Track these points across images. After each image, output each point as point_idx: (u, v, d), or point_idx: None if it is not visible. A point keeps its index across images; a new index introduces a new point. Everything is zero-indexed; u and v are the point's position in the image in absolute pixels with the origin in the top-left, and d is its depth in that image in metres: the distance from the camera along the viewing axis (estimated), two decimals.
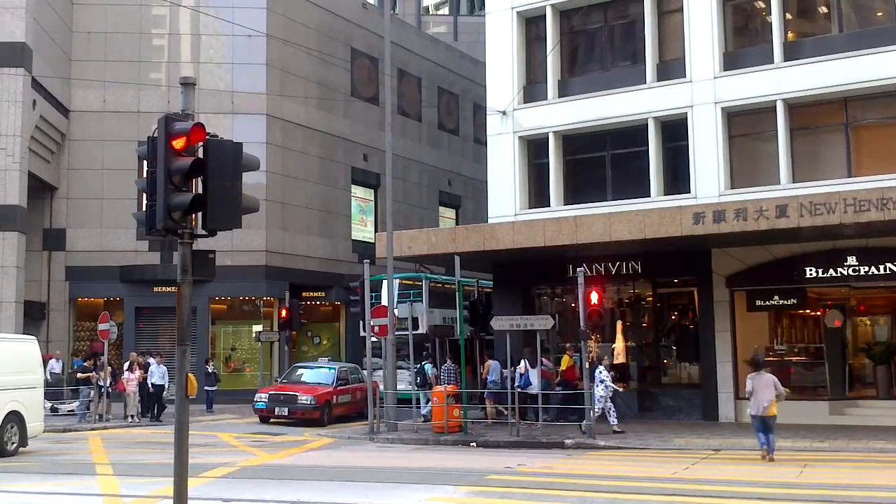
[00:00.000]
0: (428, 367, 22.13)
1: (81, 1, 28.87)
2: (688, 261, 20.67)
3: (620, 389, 19.52)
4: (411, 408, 21.08)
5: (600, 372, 18.13)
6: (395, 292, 23.92)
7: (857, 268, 19.10)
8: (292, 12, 30.47)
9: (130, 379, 22.01)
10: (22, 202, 24.97)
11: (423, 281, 25.21)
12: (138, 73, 28.78)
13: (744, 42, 22.05)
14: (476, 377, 22.79)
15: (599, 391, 17.89)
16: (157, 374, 22.41)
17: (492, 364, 21.31)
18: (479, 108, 36.49)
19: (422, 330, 22.75)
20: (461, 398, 19.26)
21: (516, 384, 18.83)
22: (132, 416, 21.92)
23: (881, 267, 18.95)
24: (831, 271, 19.41)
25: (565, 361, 20.06)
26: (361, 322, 26.97)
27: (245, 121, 28.51)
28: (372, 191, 34.18)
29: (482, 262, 23.02)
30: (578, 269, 18.31)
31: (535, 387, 19.00)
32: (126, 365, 22.53)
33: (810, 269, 19.57)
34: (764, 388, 14.21)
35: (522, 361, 19.65)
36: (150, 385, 22.39)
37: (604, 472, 13.13)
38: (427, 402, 20.55)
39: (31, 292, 26.96)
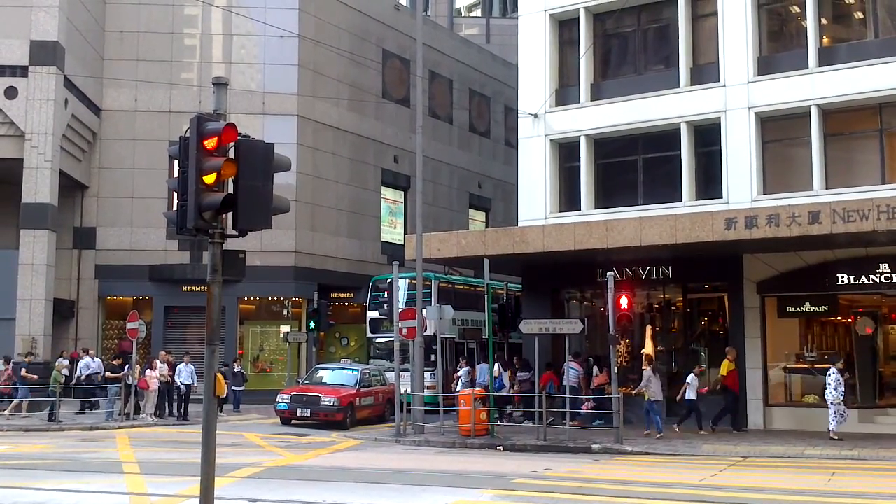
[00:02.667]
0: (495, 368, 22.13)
1: (114, 0, 29.22)
2: (719, 266, 20.43)
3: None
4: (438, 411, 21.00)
5: (831, 374, 17.36)
6: (404, 293, 23.87)
7: (889, 275, 18.78)
8: (324, 13, 30.60)
9: (152, 377, 22.15)
10: (53, 200, 25.31)
11: (433, 281, 25.04)
12: (170, 72, 29.06)
13: (778, 47, 21.74)
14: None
15: (832, 394, 17.22)
16: (186, 373, 22.58)
17: (480, 367, 21.60)
18: (511, 111, 36.39)
19: (429, 332, 21.98)
20: (489, 401, 19.17)
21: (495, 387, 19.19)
22: (151, 415, 22.03)
23: None
24: (863, 278, 19.11)
25: (725, 366, 19.22)
26: (368, 323, 27.20)
27: (276, 121, 28.67)
28: (402, 192, 34.21)
29: (512, 265, 22.91)
30: (608, 274, 18.16)
31: (506, 389, 19.31)
32: (148, 363, 22.70)
33: (842, 276, 19.28)
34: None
35: (496, 365, 20.16)
36: (179, 384, 22.56)
37: (631, 477, 12.98)
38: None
39: (61, 290, 27.30)
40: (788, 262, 19.86)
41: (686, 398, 18.76)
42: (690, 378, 18.78)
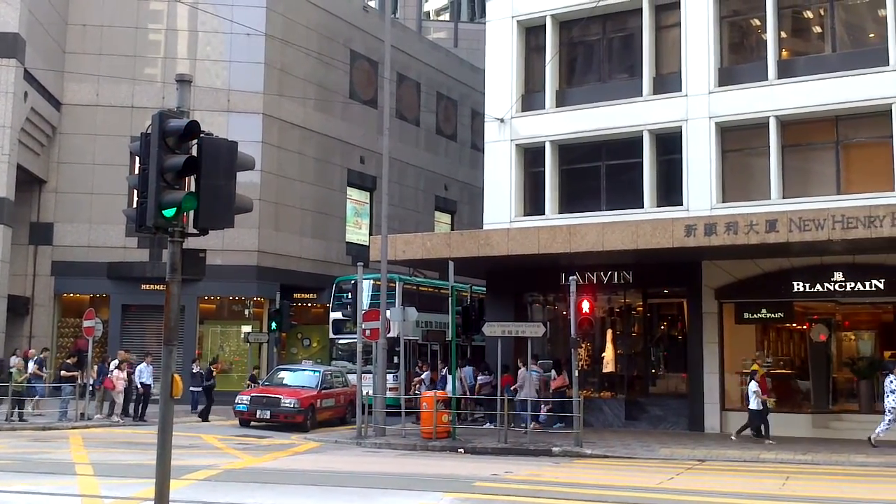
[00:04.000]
0: (468, 371, 22.13)
1: None
2: (678, 272, 20.73)
3: None
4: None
5: (892, 381, 17.06)
6: (368, 294, 23.81)
7: (843, 283, 19.23)
8: (292, 12, 30.42)
9: (120, 377, 21.82)
10: (9, 195, 24.81)
11: (397, 283, 25.03)
12: (133, 67, 28.66)
13: (739, 58, 22.15)
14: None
15: (891, 402, 16.97)
16: (147, 373, 22.28)
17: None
18: (478, 115, 36.51)
19: (393, 334, 21.91)
20: (450, 404, 19.20)
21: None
22: (118, 415, 21.74)
23: (867, 283, 19.08)
24: (818, 286, 19.55)
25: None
26: (331, 324, 27.06)
27: (241, 119, 28.42)
28: (367, 193, 34.13)
29: (476, 267, 22.98)
30: (571, 278, 18.30)
31: (450, 391, 19.69)
32: (115, 363, 22.35)
33: (798, 284, 19.69)
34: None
35: (468, 368, 20.89)
36: (138, 385, 22.24)
37: (590, 480, 13.10)
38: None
39: (16, 287, 26.75)
40: (746, 270, 20.23)
41: (750, 407, 18.22)
42: (753, 386, 18.13)
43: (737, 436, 18.48)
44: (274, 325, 27.10)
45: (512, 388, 20.12)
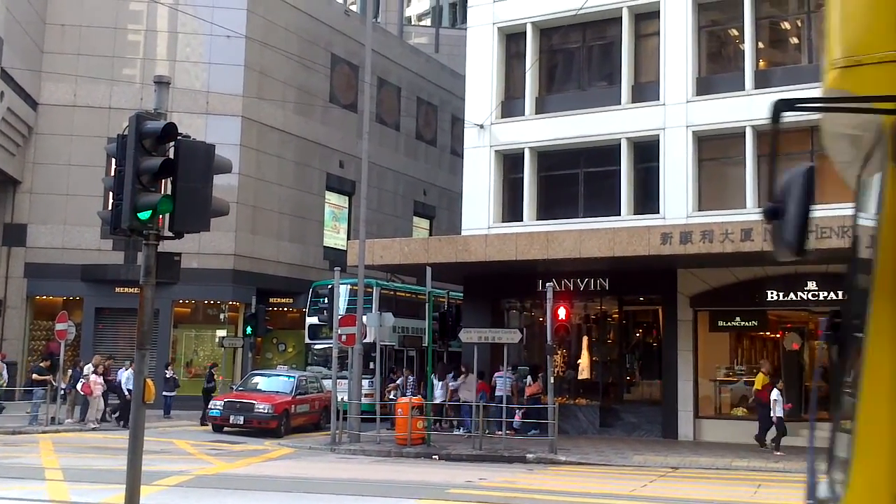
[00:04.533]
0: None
1: None
2: (654, 280, 20.87)
3: None
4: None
5: None
6: (344, 299, 23.73)
7: (816, 293, 19.45)
8: (273, 15, 30.33)
9: (97, 382, 21.57)
10: None
11: (374, 288, 24.98)
12: (112, 68, 28.42)
13: (717, 68, 22.37)
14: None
15: None
16: (132, 379, 22.06)
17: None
18: (458, 121, 36.56)
19: (369, 339, 21.79)
20: (425, 410, 19.18)
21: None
22: (95, 421, 21.45)
23: (840, 293, 19.27)
24: (791, 295, 19.75)
25: (760, 380, 18.75)
26: (307, 329, 26.95)
27: (219, 122, 28.25)
28: (346, 198, 34.05)
29: (454, 273, 23.00)
30: (547, 284, 18.38)
31: (438, 398, 20.10)
32: (91, 368, 22.11)
33: (771, 293, 19.89)
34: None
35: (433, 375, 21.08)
36: (125, 391, 22.07)
37: (563, 487, 13.14)
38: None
39: None
40: (720, 278, 20.40)
41: (775, 415, 18.11)
42: (775, 394, 18.07)
43: (776, 449, 17.84)
44: (249, 329, 26.90)
45: (451, 391, 20.39)
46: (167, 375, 24.67)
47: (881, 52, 2.66)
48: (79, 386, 21.73)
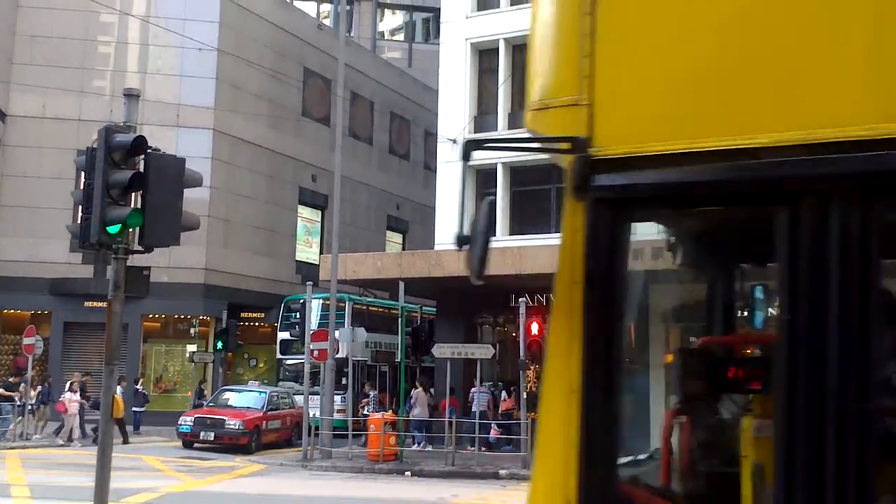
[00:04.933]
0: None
1: (28, 4, 28.17)
2: None
3: None
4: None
5: None
6: (317, 314, 23.59)
7: None
8: (245, 28, 30.25)
9: (72, 399, 21.20)
10: None
11: (347, 303, 24.87)
12: (82, 80, 28.14)
13: None
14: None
15: None
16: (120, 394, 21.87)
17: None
18: (431, 135, 36.66)
19: (342, 354, 21.37)
20: (397, 426, 19.09)
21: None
22: (78, 438, 21.05)
23: None
24: None
25: None
26: (278, 344, 26.74)
27: (191, 135, 28.04)
28: (319, 212, 33.93)
29: (427, 288, 22.97)
30: (520, 300, 18.40)
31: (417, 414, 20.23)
32: (67, 384, 21.75)
33: None
34: None
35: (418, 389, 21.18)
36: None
37: None
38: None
39: None
40: None
41: None
42: None
43: None
44: (220, 344, 26.64)
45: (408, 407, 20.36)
46: (137, 390, 24.33)
47: (565, 97, 2.98)
48: (62, 402, 21.41)
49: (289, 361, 26.52)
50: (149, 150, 7.76)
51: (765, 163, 2.71)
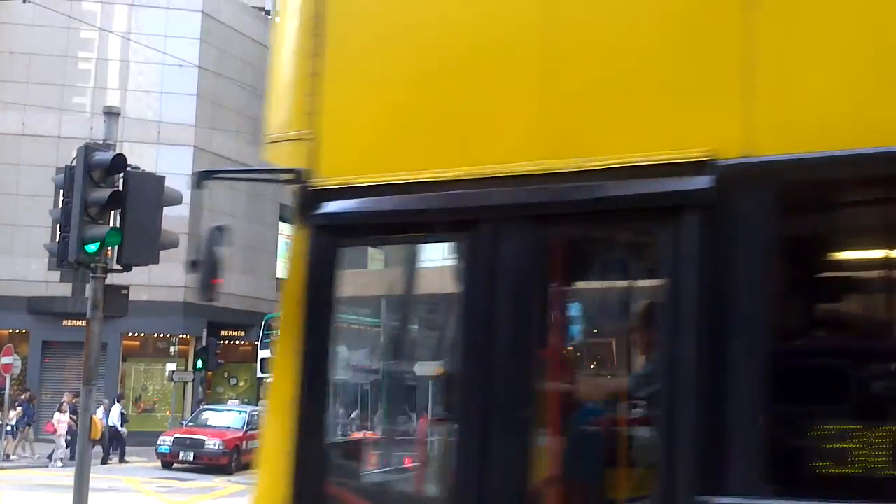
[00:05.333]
0: None
1: (6, 20, 27.99)
2: None
3: None
4: None
5: None
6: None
7: None
8: (226, 45, 30.23)
9: (61, 421, 20.92)
10: None
11: None
12: (62, 97, 27.97)
13: None
14: None
15: None
16: (116, 414, 21.75)
17: None
18: None
19: None
20: None
21: None
22: (60, 460, 20.74)
23: None
24: None
25: None
26: (259, 362, 26.55)
27: (171, 152, 27.92)
28: None
29: None
30: None
31: None
32: (57, 406, 21.53)
33: None
34: None
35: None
36: (120, 428, 21.69)
37: None
38: None
39: None
40: None
41: None
42: None
43: None
44: (200, 363, 26.43)
45: None
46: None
47: (293, 132, 3.31)
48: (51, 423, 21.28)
49: (270, 380, 26.31)
50: (128, 168, 7.73)
51: (449, 194, 2.98)
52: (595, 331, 4.24)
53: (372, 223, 3.20)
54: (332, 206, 3.15)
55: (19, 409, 21.79)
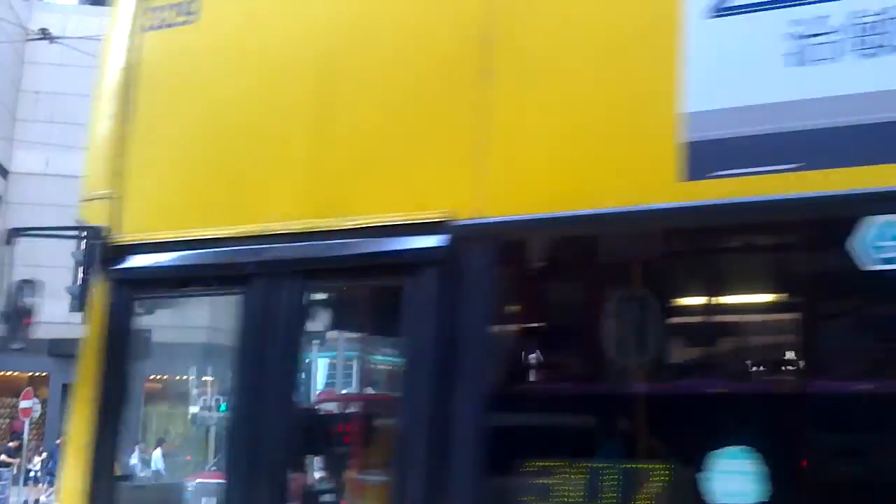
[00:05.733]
0: None
1: (33, 60, 28.12)
2: None
3: None
4: None
5: None
6: (323, 374, 22.84)
7: None
8: None
9: None
10: None
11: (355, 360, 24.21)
12: (85, 136, 27.88)
13: None
14: None
15: None
16: (160, 460, 21.24)
17: None
18: None
19: None
20: None
21: None
22: None
23: None
24: None
25: None
26: None
27: None
28: None
29: None
30: None
31: None
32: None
33: None
34: None
35: None
36: (161, 472, 21.13)
37: None
38: None
39: None
40: None
41: None
42: None
43: None
44: (224, 406, 25.88)
45: None
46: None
47: (102, 191, 3.68)
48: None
49: None
50: None
51: (226, 250, 3.28)
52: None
53: (161, 277, 3.51)
54: (128, 261, 3.52)
55: (43, 454, 21.26)
